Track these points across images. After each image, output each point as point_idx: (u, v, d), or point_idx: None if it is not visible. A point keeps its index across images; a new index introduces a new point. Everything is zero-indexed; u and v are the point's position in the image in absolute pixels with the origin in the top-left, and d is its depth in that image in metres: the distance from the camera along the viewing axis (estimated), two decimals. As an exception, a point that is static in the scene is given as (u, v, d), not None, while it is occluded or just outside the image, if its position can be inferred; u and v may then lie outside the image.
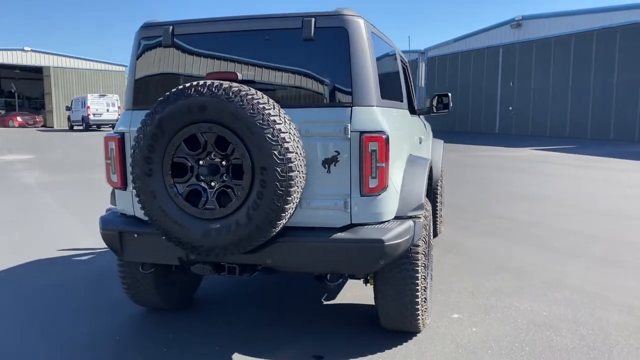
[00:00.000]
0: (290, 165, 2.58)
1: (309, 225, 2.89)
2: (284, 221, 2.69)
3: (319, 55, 2.93)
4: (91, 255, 5.41)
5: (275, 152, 2.55)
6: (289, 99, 2.94)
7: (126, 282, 3.59)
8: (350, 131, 2.82)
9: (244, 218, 2.64)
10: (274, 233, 2.72)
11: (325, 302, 4.03)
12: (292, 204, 2.66)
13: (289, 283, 4.43)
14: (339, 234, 2.85)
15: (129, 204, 3.21)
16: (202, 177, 2.74)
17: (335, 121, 2.85)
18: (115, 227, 3.18)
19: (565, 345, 3.25)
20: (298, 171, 2.64)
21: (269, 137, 2.55)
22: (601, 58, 22.18)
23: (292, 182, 2.60)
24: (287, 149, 2.58)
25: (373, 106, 2.90)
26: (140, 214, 3.16)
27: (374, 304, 3.43)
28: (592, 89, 22.70)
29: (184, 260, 3.06)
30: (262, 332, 3.52)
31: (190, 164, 2.74)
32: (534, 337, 3.37)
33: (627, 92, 21.30)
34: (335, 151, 2.85)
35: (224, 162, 2.71)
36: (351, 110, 2.86)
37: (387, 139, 2.82)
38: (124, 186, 3.21)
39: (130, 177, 3.14)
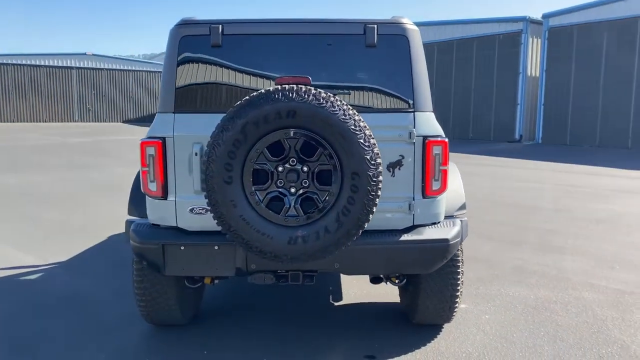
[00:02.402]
0: (379, 170, 2.62)
1: (373, 229, 2.94)
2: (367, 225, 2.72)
3: (381, 62, 2.99)
4: (38, 274, 4.79)
5: (367, 157, 2.57)
6: (352, 105, 2.95)
7: (145, 298, 3.30)
8: (415, 136, 2.93)
9: (334, 224, 2.61)
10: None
11: (337, 303, 4.08)
12: (376, 207, 2.70)
13: (288, 287, 4.38)
14: (406, 235, 2.94)
15: (171, 214, 2.97)
16: (282, 184, 2.66)
17: (400, 126, 2.94)
18: (158, 240, 2.92)
19: (568, 323, 3.69)
20: (382, 176, 2.68)
21: (361, 143, 2.56)
22: (461, 65, 24.60)
23: (380, 186, 2.64)
24: (377, 154, 2.62)
25: (431, 111, 3.04)
26: (186, 224, 2.96)
27: (380, 301, 3.57)
28: (453, 93, 25.05)
29: (243, 270, 2.93)
30: (298, 338, 3.47)
31: (270, 170, 2.64)
32: (539, 318, 3.77)
33: (482, 96, 23.89)
34: (399, 155, 2.94)
35: (304, 168, 2.65)
36: (414, 115, 2.97)
37: (448, 143, 2.98)
38: (164, 195, 2.95)
39: (177, 186, 2.94)
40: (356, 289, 4.32)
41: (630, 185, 10.09)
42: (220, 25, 2.94)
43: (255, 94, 2.59)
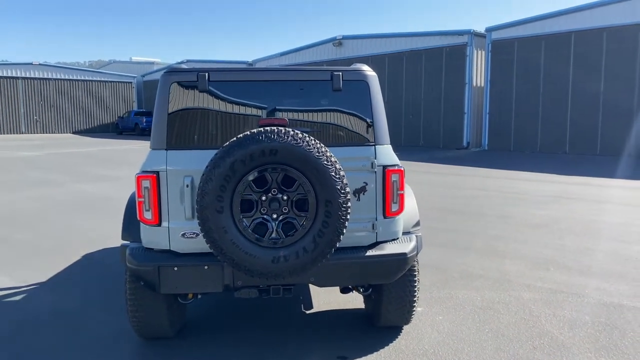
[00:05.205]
0: (348, 197, 3.11)
1: (343, 246, 3.42)
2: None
3: (346, 103, 3.49)
4: (21, 295, 5.01)
5: (338, 187, 3.06)
6: (322, 140, 3.43)
7: (138, 314, 3.65)
8: (376, 165, 3.45)
9: (311, 244, 3.08)
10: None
11: (308, 312, 4.53)
12: (346, 229, 3.18)
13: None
14: (371, 251, 3.44)
15: (164, 239, 3.36)
16: (266, 211, 3.10)
17: (363, 157, 3.45)
18: (153, 262, 3.31)
19: (509, 320, 4.29)
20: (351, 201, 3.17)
21: (332, 175, 3.05)
22: (410, 76, 25.62)
23: (349, 211, 3.13)
24: (346, 183, 3.11)
25: (389, 144, 3.56)
26: (178, 247, 3.36)
27: (346, 308, 4.06)
28: (404, 103, 26.03)
29: (230, 286, 3.35)
30: (277, 344, 3.89)
31: (255, 200, 3.08)
32: (484, 317, 4.36)
33: (431, 106, 24.96)
34: (364, 182, 3.44)
35: (284, 197, 3.11)
36: (375, 148, 3.48)
37: (404, 171, 3.51)
38: (158, 222, 3.34)
39: (170, 214, 3.33)
40: (324, 298, 4.79)
41: (565, 191, 11.03)
42: (207, 73, 3.37)
43: (241, 135, 3.03)
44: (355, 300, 4.65)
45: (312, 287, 5.02)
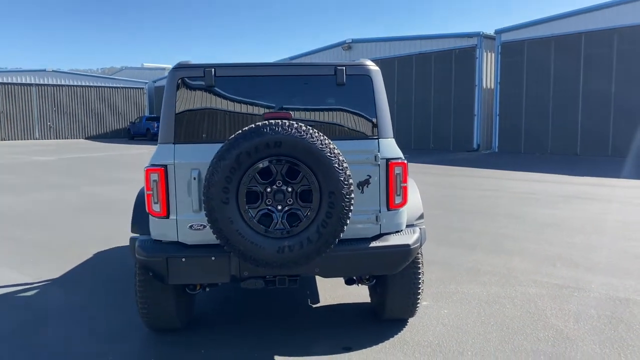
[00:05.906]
0: (351, 188, 3.16)
1: (347, 237, 3.47)
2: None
3: (349, 97, 3.55)
4: (34, 291, 5.12)
5: (341, 178, 3.11)
6: (326, 134, 3.49)
7: (147, 305, 3.72)
8: (380, 159, 3.50)
9: (315, 235, 3.14)
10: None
11: (315, 305, 4.58)
12: (349, 220, 3.23)
13: (270, 291, 4.87)
14: (375, 242, 3.49)
15: (172, 231, 3.43)
16: (271, 202, 3.17)
17: (367, 151, 3.50)
18: (162, 253, 3.38)
19: (514, 314, 4.31)
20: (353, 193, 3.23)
21: (336, 167, 3.10)
22: (420, 78, 25.62)
23: (352, 202, 3.18)
24: (349, 175, 3.16)
25: (392, 138, 3.62)
26: (186, 239, 3.43)
27: (352, 301, 4.10)
28: (413, 105, 26.03)
29: (237, 277, 3.41)
30: (283, 336, 3.95)
31: (261, 191, 3.15)
32: (490, 311, 4.38)
33: (441, 108, 24.93)
34: (367, 175, 3.49)
35: (289, 189, 3.17)
36: (378, 141, 3.54)
37: (407, 164, 3.56)
38: (166, 215, 3.42)
39: (178, 206, 3.41)
40: (330, 292, 4.84)
41: (574, 191, 10.98)
42: (213, 69, 3.45)
43: (247, 128, 3.10)
44: (361, 294, 4.69)
45: (318, 282, 5.07)
